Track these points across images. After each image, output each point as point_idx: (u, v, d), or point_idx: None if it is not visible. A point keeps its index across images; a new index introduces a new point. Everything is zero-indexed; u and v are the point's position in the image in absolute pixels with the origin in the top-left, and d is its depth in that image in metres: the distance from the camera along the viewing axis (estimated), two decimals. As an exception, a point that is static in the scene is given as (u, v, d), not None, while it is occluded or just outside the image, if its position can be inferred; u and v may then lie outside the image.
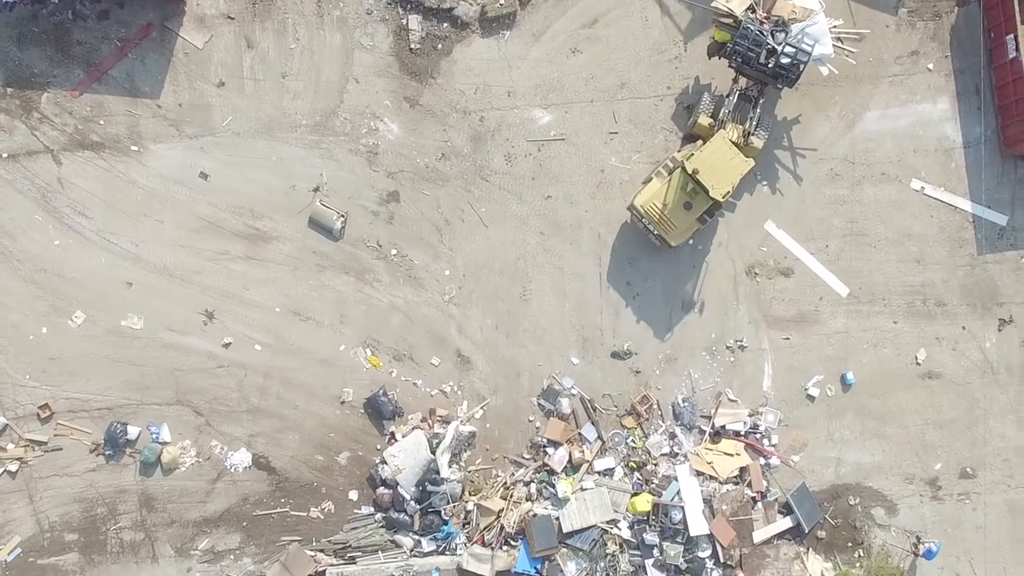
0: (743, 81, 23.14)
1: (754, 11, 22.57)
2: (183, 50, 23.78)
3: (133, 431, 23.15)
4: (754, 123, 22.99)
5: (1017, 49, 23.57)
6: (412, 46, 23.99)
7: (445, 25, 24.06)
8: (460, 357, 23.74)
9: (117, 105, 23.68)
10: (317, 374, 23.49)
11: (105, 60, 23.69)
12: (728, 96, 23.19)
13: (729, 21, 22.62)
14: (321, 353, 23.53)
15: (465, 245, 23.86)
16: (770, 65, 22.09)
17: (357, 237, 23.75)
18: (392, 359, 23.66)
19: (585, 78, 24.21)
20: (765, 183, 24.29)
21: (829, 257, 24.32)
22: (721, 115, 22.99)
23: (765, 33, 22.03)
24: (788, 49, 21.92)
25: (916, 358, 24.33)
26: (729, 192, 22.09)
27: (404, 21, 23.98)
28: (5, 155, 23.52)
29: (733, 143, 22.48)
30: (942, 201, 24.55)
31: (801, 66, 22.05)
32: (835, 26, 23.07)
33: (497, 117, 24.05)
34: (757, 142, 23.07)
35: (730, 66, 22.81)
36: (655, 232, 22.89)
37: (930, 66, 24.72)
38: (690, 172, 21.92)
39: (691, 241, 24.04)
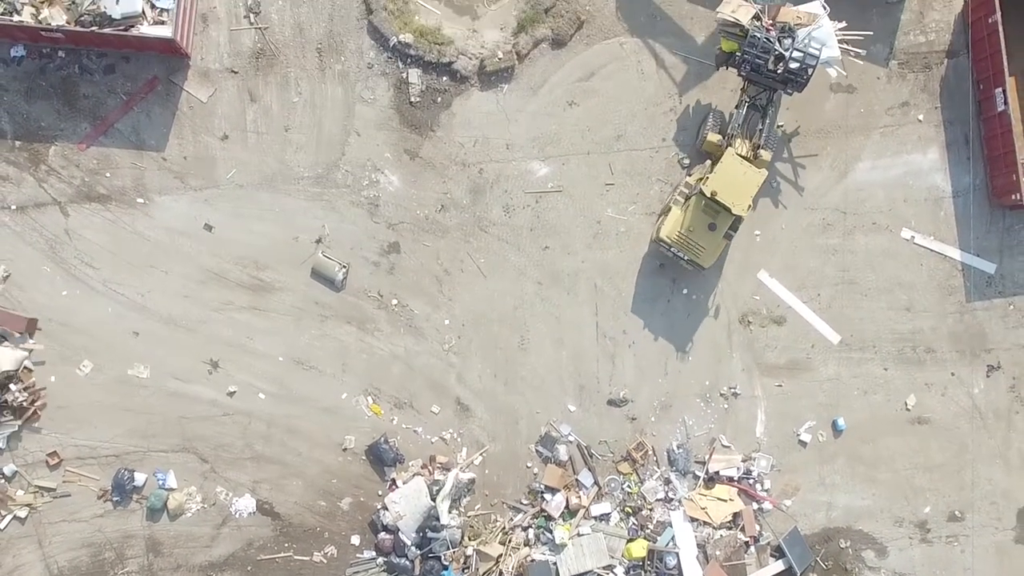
0: (752, 90, 23.45)
1: (759, 19, 22.96)
2: (188, 104, 24.27)
3: (140, 477, 23.69)
4: (763, 135, 23.39)
5: (1005, 102, 24.02)
6: (412, 99, 24.46)
7: (444, 79, 24.53)
8: (460, 405, 24.26)
9: (123, 158, 24.20)
10: (320, 422, 24.02)
11: (111, 113, 24.19)
12: (738, 107, 23.59)
13: (736, 31, 23.02)
14: (324, 401, 24.06)
15: (464, 295, 24.37)
16: (779, 71, 22.46)
17: (359, 287, 24.25)
18: (393, 407, 24.18)
19: (582, 130, 24.70)
20: (759, 233, 24.76)
21: (821, 305, 24.82)
22: (730, 129, 23.43)
23: (772, 40, 22.39)
24: (796, 54, 22.25)
25: (906, 404, 24.84)
26: (750, 205, 22.67)
27: (404, 75, 24.45)
28: (14, 207, 24.05)
29: (743, 157, 22.97)
30: (932, 250, 25.03)
31: (810, 70, 22.40)
32: (840, 28, 23.37)
33: (496, 169, 24.54)
34: (766, 155, 23.55)
35: (739, 75, 23.21)
36: (686, 258, 23.40)
37: (920, 117, 25.19)
38: (709, 195, 22.41)
39: (684, 291, 24.56)
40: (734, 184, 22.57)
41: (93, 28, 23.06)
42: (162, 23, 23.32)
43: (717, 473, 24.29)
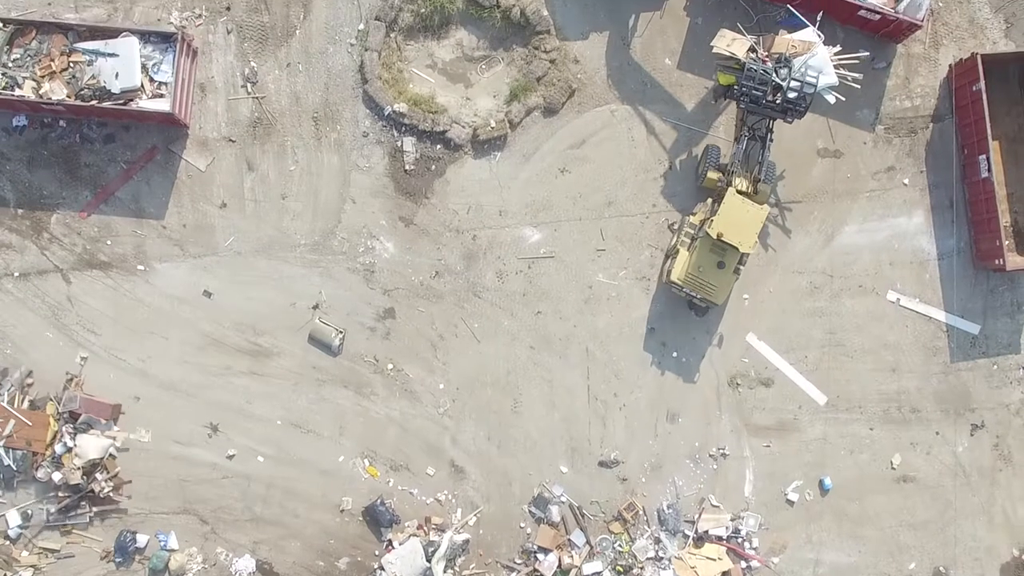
0: (751, 119, 23.76)
1: (755, 51, 23.30)
2: (186, 172, 24.74)
3: (142, 539, 24.23)
4: (762, 168, 23.81)
5: (989, 169, 24.46)
6: (407, 167, 24.93)
7: (438, 147, 24.99)
8: (454, 467, 24.79)
9: (124, 226, 24.69)
10: (318, 484, 24.55)
11: (112, 182, 24.67)
12: (737, 140, 24.00)
13: (732, 64, 23.37)
14: (321, 464, 24.59)
15: (459, 360, 24.88)
16: (778, 101, 22.83)
17: (355, 352, 24.75)
18: (389, 469, 24.72)
19: (573, 197, 25.17)
20: (747, 297, 25.25)
21: (808, 367, 25.32)
22: (730, 164, 23.89)
23: (769, 71, 22.75)
24: (793, 83, 22.55)
25: (891, 463, 25.36)
26: (756, 242, 23.23)
27: (399, 143, 24.91)
28: (17, 274, 24.56)
29: (742, 192, 23.47)
30: (917, 312, 25.51)
31: (808, 98, 22.74)
32: (836, 53, 23.59)
33: (489, 236, 25.02)
34: (765, 188, 24.01)
35: (739, 107, 23.60)
36: (699, 297, 23.93)
37: (906, 181, 25.65)
38: (715, 236, 22.94)
39: (674, 355, 25.10)
40: (738, 223, 23.09)
41: (93, 102, 23.51)
42: (160, 96, 23.76)
43: (706, 532, 24.82)
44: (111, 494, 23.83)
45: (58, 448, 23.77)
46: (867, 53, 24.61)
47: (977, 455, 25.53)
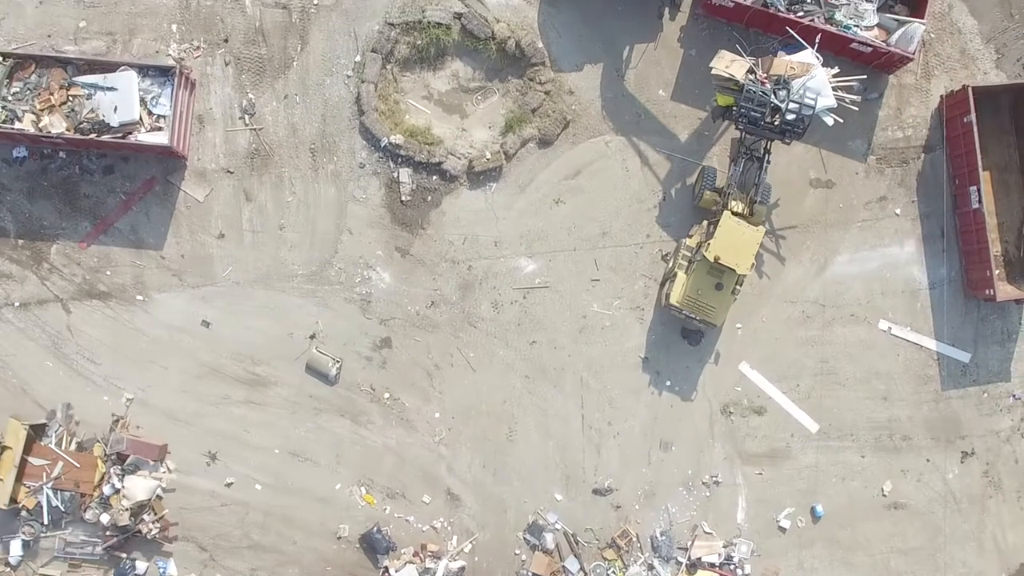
0: (749, 140, 23.92)
1: (754, 72, 23.45)
2: (185, 203, 24.99)
3: (141, 566, 24.53)
4: (759, 189, 24.03)
5: (980, 201, 24.70)
6: (403, 198, 25.17)
7: (434, 178, 25.23)
8: (450, 495, 25.08)
9: (123, 256, 24.94)
10: (315, 511, 24.84)
11: (111, 213, 24.91)
12: (735, 160, 24.20)
13: (731, 85, 23.53)
14: (319, 492, 24.88)
15: (454, 389, 25.15)
16: (776, 123, 22.99)
17: (352, 381, 25.02)
18: (386, 497, 25.00)
19: (568, 227, 25.41)
20: (740, 326, 25.51)
21: (800, 395, 25.59)
22: (726, 185, 24.15)
23: (768, 93, 22.89)
24: (792, 105, 22.66)
25: (882, 490, 25.63)
26: (753, 263, 23.48)
27: (395, 174, 25.14)
28: (17, 304, 24.83)
29: (739, 214, 23.71)
30: (908, 340, 25.77)
31: (807, 119, 22.89)
32: (834, 75, 23.76)
33: (484, 266, 25.27)
34: (761, 209, 24.26)
35: (737, 128, 23.76)
36: (698, 319, 24.22)
37: (897, 211, 25.89)
38: (712, 260, 23.19)
39: (668, 383, 25.37)
40: (735, 246, 23.33)
41: (92, 136, 23.73)
42: (159, 129, 23.99)
43: (699, 559, 25.11)
44: (158, 535, 24.08)
45: (106, 489, 24.10)
46: (864, 76, 24.74)
47: (967, 482, 25.81)
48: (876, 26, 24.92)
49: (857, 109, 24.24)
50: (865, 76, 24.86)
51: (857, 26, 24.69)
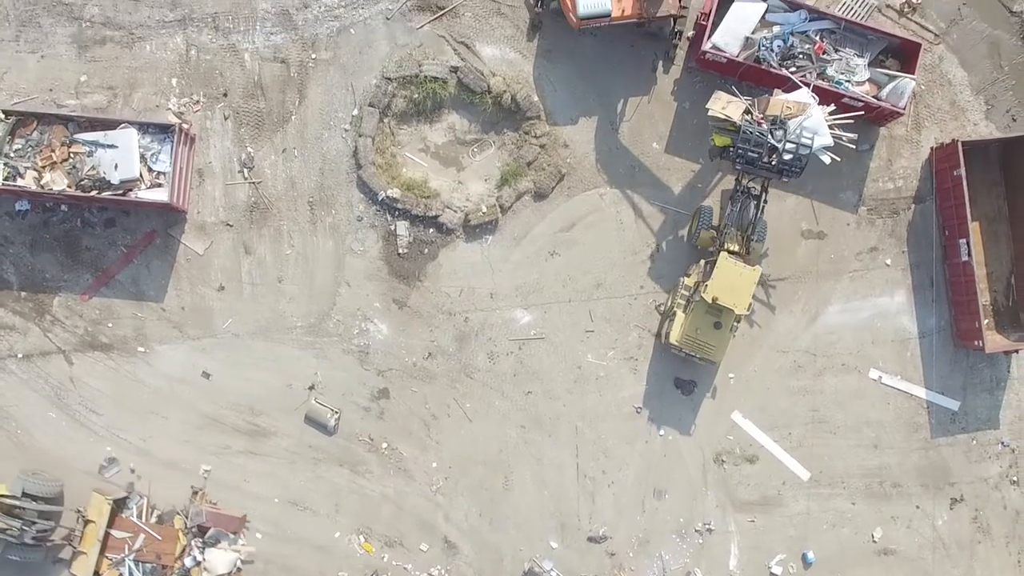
0: (746, 178, 24.18)
1: (750, 113, 23.67)
2: (185, 256, 25.34)
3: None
4: (755, 227, 24.34)
5: (969, 254, 25.03)
6: (400, 251, 25.52)
7: (431, 231, 25.57)
8: (447, 543, 25.49)
9: (124, 308, 25.32)
10: (314, 560, 25.26)
11: (112, 265, 25.27)
12: (732, 199, 24.48)
13: (728, 126, 23.76)
14: (318, 540, 25.28)
15: (451, 439, 25.55)
16: (773, 162, 23.21)
17: (350, 432, 25.42)
18: (384, 545, 25.42)
19: (563, 279, 25.78)
20: (732, 376, 25.89)
21: (792, 444, 25.98)
22: (722, 224, 24.51)
23: (765, 133, 23.09)
24: (789, 145, 22.88)
25: (873, 536, 26.05)
26: (751, 303, 23.82)
27: (392, 227, 25.49)
28: (20, 355, 25.19)
29: (735, 253, 24.08)
30: (898, 389, 26.14)
31: (804, 159, 23.09)
32: (831, 113, 23.94)
33: (480, 318, 25.64)
34: (758, 246, 24.63)
35: (735, 168, 23.96)
36: (698, 357, 24.63)
37: (888, 261, 26.24)
38: (710, 300, 23.56)
39: (661, 433, 25.76)
40: (732, 286, 23.64)
41: (93, 192, 24.07)
42: (159, 185, 24.32)
43: (692, 605, 25.58)
44: None
45: (187, 562, 24.43)
46: (862, 112, 24.71)
47: (956, 528, 26.22)
48: (867, 80, 25.23)
49: (855, 147, 24.49)
50: (862, 112, 24.76)
51: (848, 81, 24.99)
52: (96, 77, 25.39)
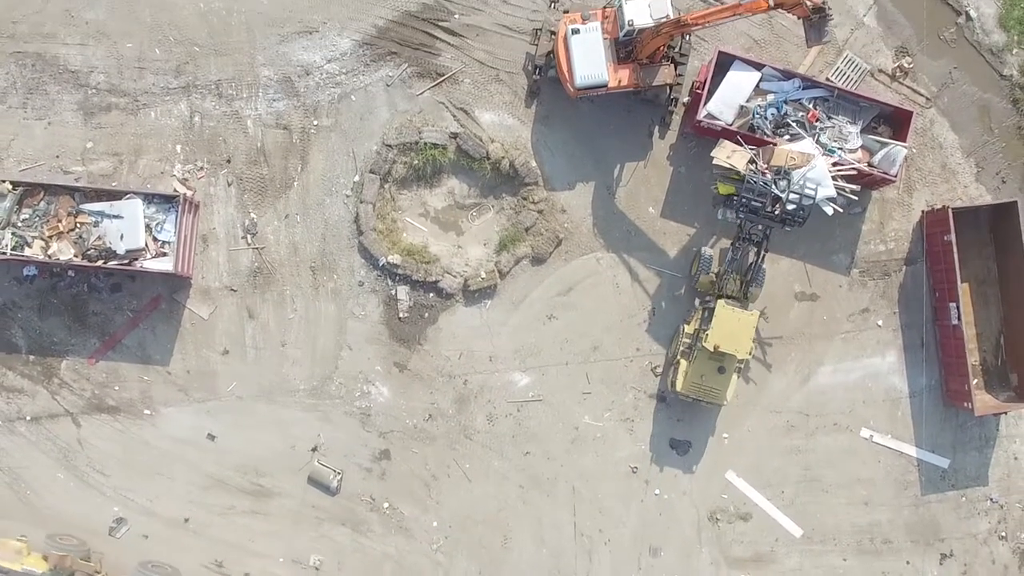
0: (748, 225, 24.50)
1: (755, 163, 24.13)
2: (190, 320, 25.85)
3: None
4: (754, 271, 24.83)
5: (959, 317, 25.50)
6: (401, 315, 26.02)
7: (431, 295, 26.07)
8: (448, 600, 26.16)
9: (130, 371, 25.84)
10: (318, 617, 25.91)
11: (119, 330, 25.77)
12: (734, 244, 24.92)
13: (732, 175, 24.22)
14: (321, 598, 25.94)
15: (451, 499, 26.10)
16: (777, 212, 23.64)
17: (352, 492, 25.98)
18: (386, 602, 26.08)
19: (560, 342, 26.28)
20: (727, 436, 26.43)
21: (785, 502, 26.53)
22: (721, 270, 25.02)
23: (768, 183, 23.55)
24: (792, 195, 23.32)
25: (864, 591, 26.70)
26: (752, 347, 24.37)
27: (393, 292, 25.99)
28: (28, 418, 25.73)
29: (732, 298, 24.59)
30: (889, 448, 26.68)
31: (807, 209, 23.52)
32: (834, 164, 24.37)
33: (480, 380, 26.16)
34: (756, 290, 25.15)
35: (738, 216, 24.38)
36: (705, 401, 25.21)
37: (879, 322, 26.74)
38: (712, 349, 24.08)
39: (656, 492, 26.33)
40: (732, 333, 24.18)
41: (99, 262, 24.52)
42: (164, 255, 24.76)
43: (687, 660, 26.17)
44: None
45: None
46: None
47: (946, 582, 26.85)
48: (860, 148, 25.65)
49: (856, 199, 24.96)
50: (859, 187, 25.08)
51: (841, 149, 25.42)
52: (102, 144, 25.86)
